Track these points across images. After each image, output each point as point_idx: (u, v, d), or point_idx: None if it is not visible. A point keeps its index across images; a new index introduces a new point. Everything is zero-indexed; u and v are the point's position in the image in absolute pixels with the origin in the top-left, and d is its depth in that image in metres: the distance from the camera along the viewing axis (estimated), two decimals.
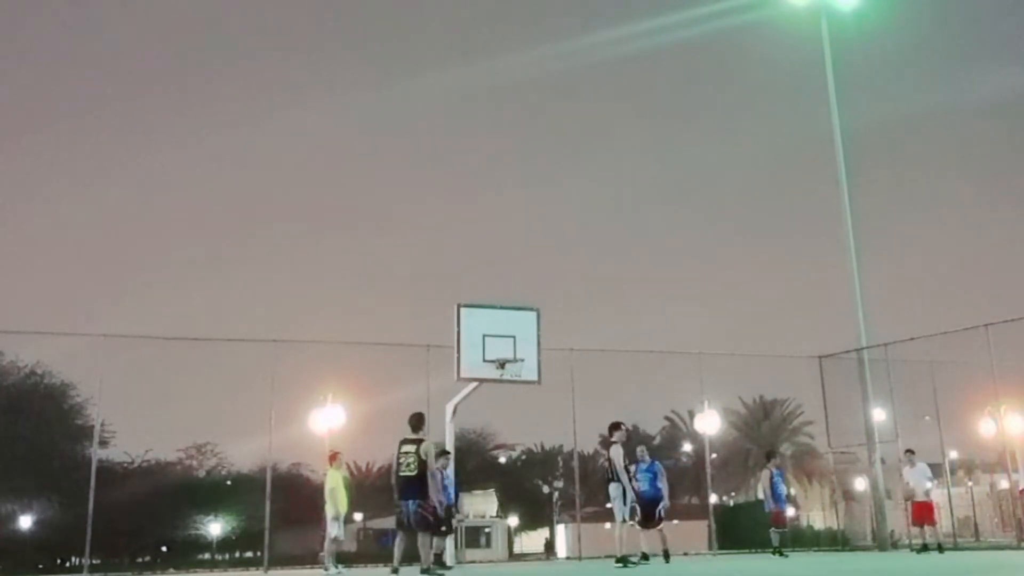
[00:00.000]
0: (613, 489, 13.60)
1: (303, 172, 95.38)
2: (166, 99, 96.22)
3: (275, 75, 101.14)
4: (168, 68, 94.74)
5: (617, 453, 13.62)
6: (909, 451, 19.69)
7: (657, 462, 16.76)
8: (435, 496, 13.03)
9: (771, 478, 18.70)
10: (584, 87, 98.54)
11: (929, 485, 19.21)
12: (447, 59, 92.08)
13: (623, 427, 14.20)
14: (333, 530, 15.43)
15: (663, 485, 16.29)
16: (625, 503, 13.52)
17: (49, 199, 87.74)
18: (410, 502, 11.98)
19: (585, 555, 24.23)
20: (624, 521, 13.52)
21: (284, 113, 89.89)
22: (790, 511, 22.19)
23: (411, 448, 12.09)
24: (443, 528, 16.01)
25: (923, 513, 18.95)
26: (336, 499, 15.38)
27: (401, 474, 12.12)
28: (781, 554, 17.97)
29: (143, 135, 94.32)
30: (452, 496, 16.37)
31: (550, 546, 40.82)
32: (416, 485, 11.99)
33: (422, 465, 11.97)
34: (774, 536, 18.22)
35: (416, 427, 12.35)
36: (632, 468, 14.50)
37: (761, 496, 21.82)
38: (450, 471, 16.82)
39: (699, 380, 24.43)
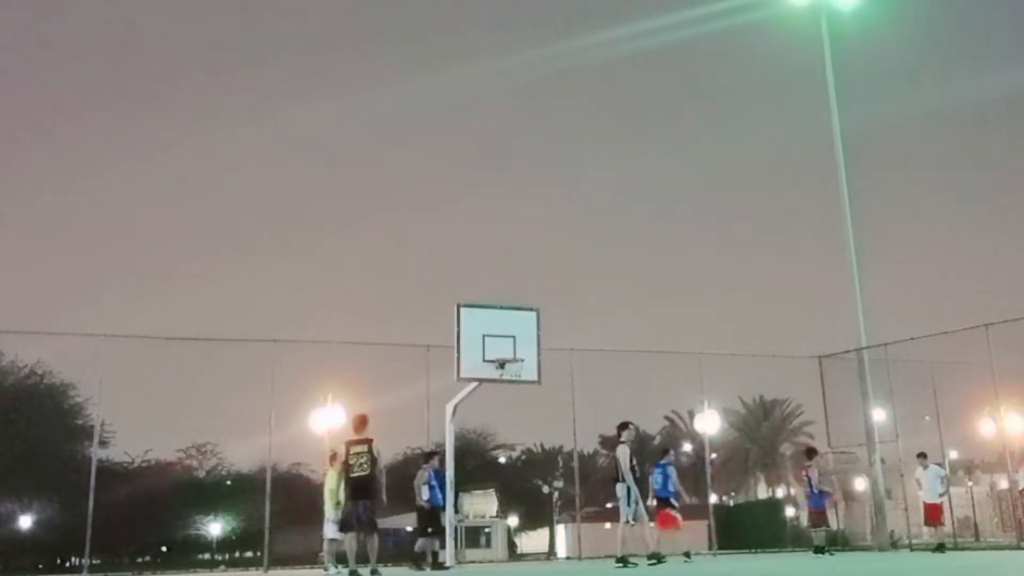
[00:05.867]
0: (619, 489, 13.55)
1: (303, 172, 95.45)
2: (166, 99, 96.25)
3: (276, 75, 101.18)
4: (169, 68, 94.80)
5: (623, 453, 13.58)
6: (921, 455, 19.87)
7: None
8: (415, 494, 13.23)
9: (818, 476, 18.68)
10: (584, 87, 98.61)
11: (941, 487, 19.42)
12: (447, 60, 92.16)
13: (631, 427, 14.18)
14: (331, 531, 15.43)
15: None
16: (629, 503, 13.47)
17: (49, 199, 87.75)
18: (360, 502, 12.02)
19: (585, 555, 24.22)
20: (627, 522, 13.46)
21: (284, 113, 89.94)
22: (789, 510, 22.16)
23: (362, 448, 12.11)
24: (429, 530, 15.97)
25: (935, 513, 19.27)
26: (336, 499, 15.38)
27: (353, 475, 12.15)
28: (829, 552, 17.99)
29: (143, 135, 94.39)
30: (440, 498, 16.30)
31: (514, 546, 40.52)
32: (368, 485, 12.05)
33: (374, 465, 12.01)
34: (818, 535, 18.26)
35: (360, 428, 12.41)
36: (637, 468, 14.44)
37: (774, 494, 21.72)
38: (450, 473, 16.82)
39: (699, 380, 24.43)
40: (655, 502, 17.34)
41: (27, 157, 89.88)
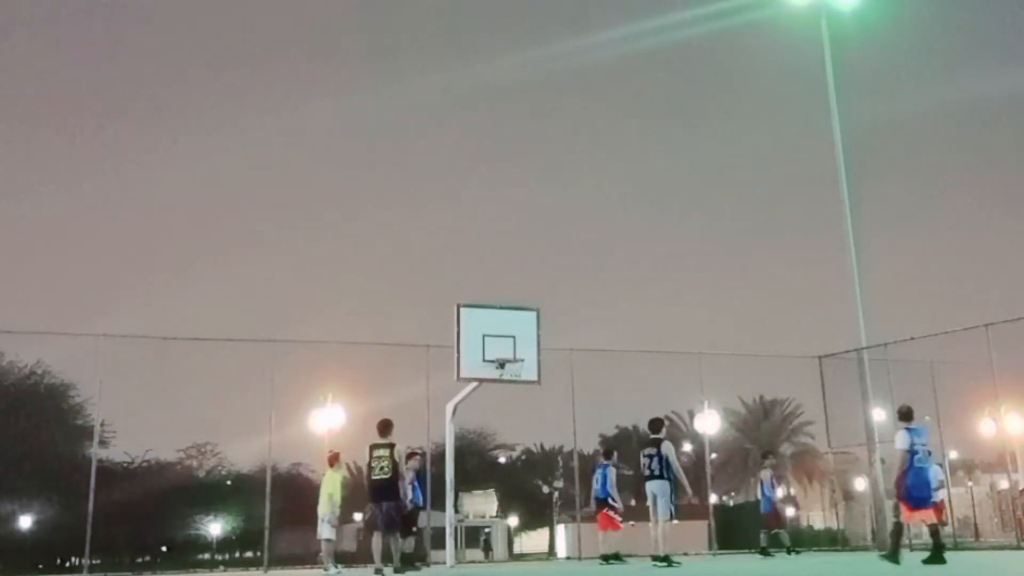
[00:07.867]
0: (659, 486, 13.48)
1: (303, 172, 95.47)
2: (166, 99, 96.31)
3: (275, 75, 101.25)
4: (167, 68, 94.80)
5: (670, 448, 13.59)
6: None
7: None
8: (405, 497, 13.59)
9: (771, 479, 18.73)
10: (584, 87, 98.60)
11: (940, 487, 19.45)
12: (446, 59, 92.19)
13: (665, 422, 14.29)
14: (324, 531, 15.45)
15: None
16: (672, 500, 13.44)
17: (49, 199, 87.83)
18: (384, 504, 12.25)
19: (585, 555, 24.21)
20: (671, 519, 13.39)
21: (282, 113, 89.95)
22: (789, 511, 22.20)
23: (384, 452, 12.53)
24: (414, 529, 16.08)
25: (937, 514, 19.31)
26: (333, 501, 15.39)
27: (375, 477, 12.46)
28: (794, 551, 18.03)
29: (143, 135, 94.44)
30: (420, 498, 16.39)
31: (489, 547, 40.52)
32: (391, 487, 12.45)
33: (395, 468, 12.24)
34: (783, 537, 18.30)
35: (385, 432, 12.79)
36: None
37: (758, 496, 21.83)
38: (449, 473, 16.83)
39: (699, 380, 24.42)
40: (594, 503, 17.87)
41: (26, 157, 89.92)
